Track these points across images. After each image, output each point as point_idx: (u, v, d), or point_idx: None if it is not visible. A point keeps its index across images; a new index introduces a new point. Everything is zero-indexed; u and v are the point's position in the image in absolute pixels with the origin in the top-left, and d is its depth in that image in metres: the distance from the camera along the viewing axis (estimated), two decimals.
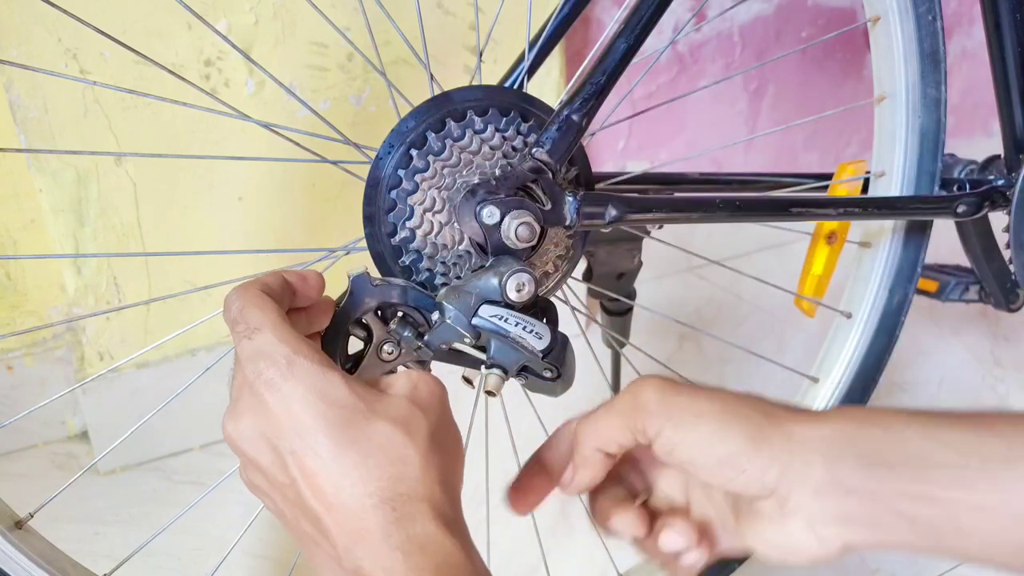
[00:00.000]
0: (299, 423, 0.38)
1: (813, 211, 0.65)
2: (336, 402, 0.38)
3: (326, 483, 0.37)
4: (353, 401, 0.39)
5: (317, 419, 0.38)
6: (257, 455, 0.39)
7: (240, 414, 0.40)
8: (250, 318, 0.41)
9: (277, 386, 0.38)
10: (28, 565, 0.50)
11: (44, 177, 0.85)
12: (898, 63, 0.68)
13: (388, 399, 0.40)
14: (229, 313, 0.42)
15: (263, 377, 0.39)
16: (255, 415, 0.39)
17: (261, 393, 0.39)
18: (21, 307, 0.96)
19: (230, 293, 0.43)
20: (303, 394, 0.38)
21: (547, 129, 0.52)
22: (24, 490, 0.91)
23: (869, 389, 0.74)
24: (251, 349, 0.40)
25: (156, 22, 0.82)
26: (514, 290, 0.48)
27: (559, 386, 0.51)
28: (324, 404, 0.38)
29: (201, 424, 0.99)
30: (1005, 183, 0.72)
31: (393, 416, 0.39)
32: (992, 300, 0.82)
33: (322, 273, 0.47)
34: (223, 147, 0.89)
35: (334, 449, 0.37)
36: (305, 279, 0.46)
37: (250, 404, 0.39)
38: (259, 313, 0.41)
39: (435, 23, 0.94)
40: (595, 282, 0.78)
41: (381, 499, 0.37)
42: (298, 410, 0.38)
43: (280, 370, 0.38)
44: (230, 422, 0.40)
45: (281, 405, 0.38)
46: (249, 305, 0.41)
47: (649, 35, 0.54)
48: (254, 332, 0.40)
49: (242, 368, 0.40)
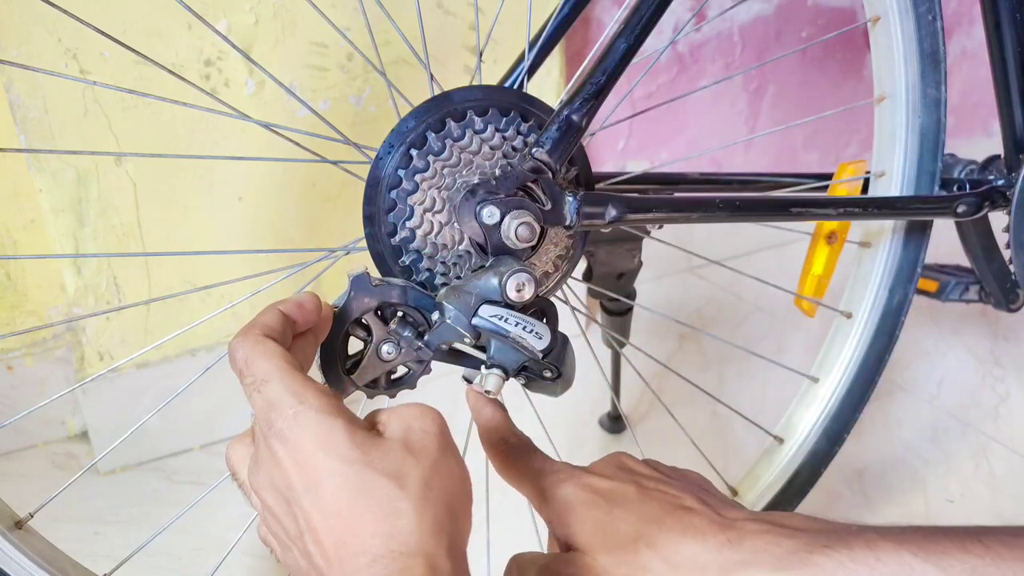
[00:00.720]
0: (305, 477, 0.38)
1: (813, 211, 0.65)
2: (337, 455, 0.39)
3: (326, 539, 0.38)
4: (353, 454, 0.39)
5: (320, 474, 0.38)
6: (273, 504, 0.40)
7: (259, 464, 0.41)
8: (256, 370, 0.41)
9: (285, 437, 0.39)
10: (28, 565, 0.50)
11: (44, 177, 0.85)
12: (898, 63, 0.68)
13: (383, 447, 0.40)
14: (235, 364, 0.43)
15: (274, 429, 0.39)
16: (270, 467, 0.40)
17: (272, 445, 0.40)
18: (21, 307, 0.96)
19: (233, 341, 0.43)
20: (308, 445, 0.39)
21: (547, 129, 0.52)
22: (24, 490, 0.91)
23: (869, 389, 0.74)
24: (262, 402, 0.40)
25: (156, 22, 0.82)
26: (514, 290, 0.48)
27: (559, 386, 0.51)
28: (327, 457, 0.38)
29: (201, 424, 0.99)
30: (1005, 183, 0.72)
31: (386, 468, 0.39)
32: (992, 300, 0.82)
33: (316, 295, 0.47)
34: (223, 147, 0.89)
35: (334, 506, 0.38)
36: (302, 306, 0.46)
37: (265, 455, 0.40)
38: (264, 363, 0.41)
39: (435, 23, 0.94)
40: (595, 282, 0.78)
41: (373, 558, 0.37)
42: (303, 463, 0.39)
43: (287, 422, 0.39)
44: (253, 474, 0.41)
45: (289, 458, 0.39)
46: (253, 355, 0.42)
47: (649, 35, 0.54)
48: (262, 384, 0.41)
49: (257, 420, 0.41)
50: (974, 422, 0.98)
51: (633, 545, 0.42)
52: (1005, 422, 0.98)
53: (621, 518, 0.43)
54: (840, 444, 0.75)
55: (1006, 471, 0.90)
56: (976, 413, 1.00)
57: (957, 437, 0.96)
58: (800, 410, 0.76)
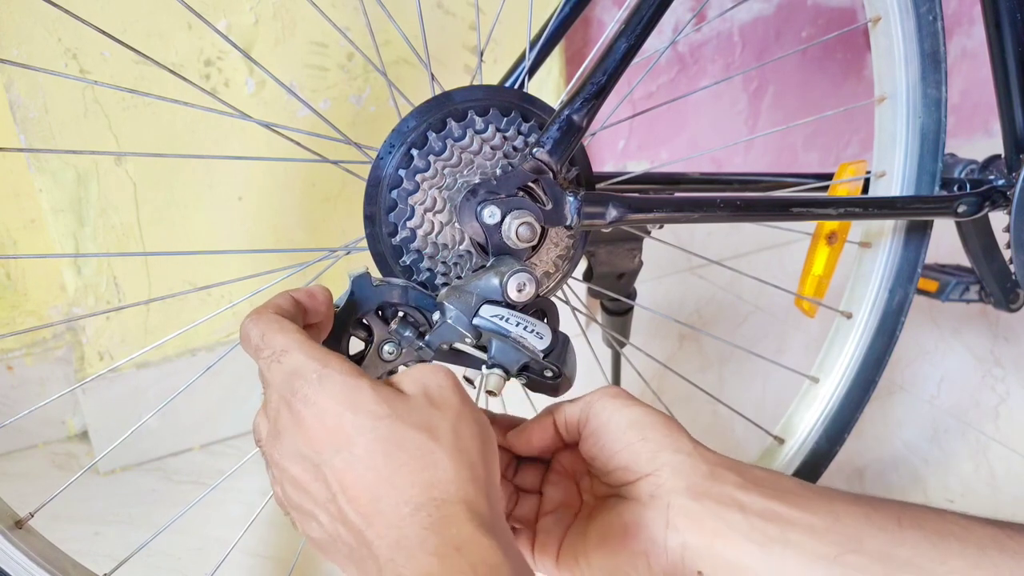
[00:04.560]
0: (334, 437, 0.39)
1: (813, 211, 0.65)
2: (366, 412, 0.39)
3: (363, 495, 0.38)
4: (382, 409, 0.39)
5: (351, 431, 0.39)
6: (299, 472, 0.40)
7: (280, 434, 0.41)
8: (274, 342, 0.42)
9: (312, 401, 0.39)
10: (28, 565, 0.50)
11: (44, 177, 0.85)
12: (898, 63, 0.68)
13: (409, 402, 0.40)
14: (250, 341, 0.43)
15: (299, 395, 0.40)
16: (294, 434, 0.40)
17: (298, 411, 0.40)
18: (21, 307, 0.96)
19: (245, 321, 0.44)
20: (335, 406, 0.39)
21: (548, 129, 0.52)
22: (24, 490, 0.91)
23: (869, 389, 0.74)
24: (283, 371, 0.41)
25: (156, 22, 0.82)
26: (515, 290, 0.48)
27: (560, 386, 0.51)
28: (355, 415, 0.39)
29: (201, 424, 0.99)
30: (1005, 183, 0.72)
31: (416, 422, 0.39)
32: (992, 300, 0.82)
33: (327, 288, 0.48)
34: (223, 147, 0.89)
35: (368, 461, 0.38)
36: (313, 296, 0.46)
37: (288, 423, 0.40)
38: (281, 336, 0.42)
39: (435, 23, 0.94)
40: (595, 282, 0.78)
41: (416, 506, 0.37)
42: (332, 424, 0.39)
43: (312, 386, 0.40)
44: (273, 446, 0.41)
45: (317, 421, 0.39)
46: (270, 331, 0.42)
47: (650, 35, 0.54)
48: (282, 355, 0.41)
49: (276, 390, 0.41)
50: (974, 422, 0.98)
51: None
52: (1005, 422, 0.98)
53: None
54: (840, 444, 0.75)
55: (1006, 471, 0.90)
56: (976, 413, 1.00)
57: (957, 437, 0.96)
58: (800, 410, 0.76)
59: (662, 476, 0.46)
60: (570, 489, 0.51)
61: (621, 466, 0.47)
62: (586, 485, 0.51)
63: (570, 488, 0.51)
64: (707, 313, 1.25)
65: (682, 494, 0.45)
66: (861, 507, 0.44)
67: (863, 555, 0.42)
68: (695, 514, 0.44)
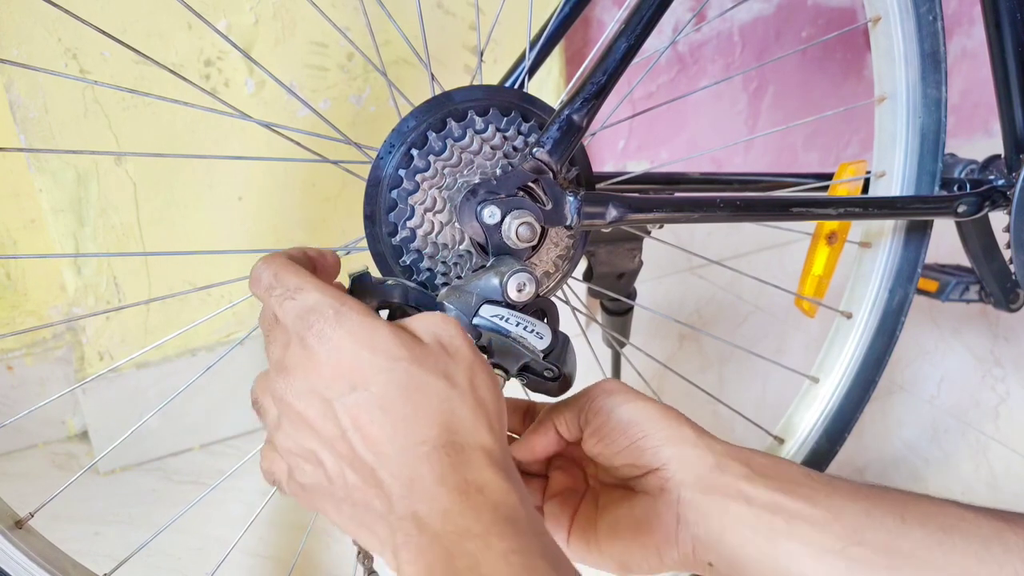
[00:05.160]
0: (351, 374, 0.38)
1: (813, 211, 0.65)
2: (385, 353, 0.39)
3: (379, 433, 0.37)
4: (401, 352, 0.39)
5: (368, 370, 0.38)
6: (306, 408, 0.39)
7: (289, 369, 0.40)
8: (287, 281, 0.41)
9: (327, 337, 0.39)
10: (28, 565, 0.50)
11: (44, 177, 0.85)
12: (898, 63, 0.68)
13: (427, 348, 0.40)
14: (260, 282, 0.42)
15: (314, 330, 0.39)
16: (305, 369, 0.39)
17: (312, 346, 0.39)
18: (21, 307, 0.96)
19: (257, 264, 0.43)
20: (352, 345, 0.38)
21: (548, 129, 0.52)
22: (24, 490, 0.91)
23: (869, 389, 0.74)
24: (297, 307, 0.40)
25: (156, 22, 0.82)
26: (515, 290, 0.48)
27: (560, 386, 0.51)
28: (373, 355, 0.38)
29: (201, 424, 0.99)
30: (1005, 183, 0.72)
31: (434, 367, 0.39)
32: (992, 300, 0.82)
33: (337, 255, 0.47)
34: (223, 147, 0.89)
35: (386, 400, 0.38)
36: (324, 255, 0.46)
37: (299, 358, 0.40)
38: (295, 276, 0.41)
39: (435, 23, 0.94)
40: (595, 282, 0.78)
41: (434, 447, 0.37)
42: (349, 361, 0.38)
43: (329, 322, 0.39)
44: (279, 379, 0.40)
45: (332, 357, 0.39)
46: (283, 271, 0.42)
47: (650, 35, 0.54)
48: (296, 292, 0.41)
49: (288, 327, 0.40)
50: (974, 422, 0.98)
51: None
52: (1005, 422, 0.98)
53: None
54: (840, 444, 0.75)
55: (1006, 471, 0.90)
56: (976, 413, 1.00)
57: (957, 437, 0.96)
58: (800, 410, 0.76)
59: (669, 470, 0.46)
60: (576, 475, 0.52)
61: (627, 463, 0.47)
62: (592, 472, 0.52)
63: (576, 474, 0.52)
64: (707, 313, 1.25)
65: (690, 487, 0.45)
66: (863, 501, 0.44)
67: (866, 548, 0.42)
68: (703, 508, 0.44)
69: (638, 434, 0.47)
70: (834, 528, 0.43)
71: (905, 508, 0.44)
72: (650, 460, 0.46)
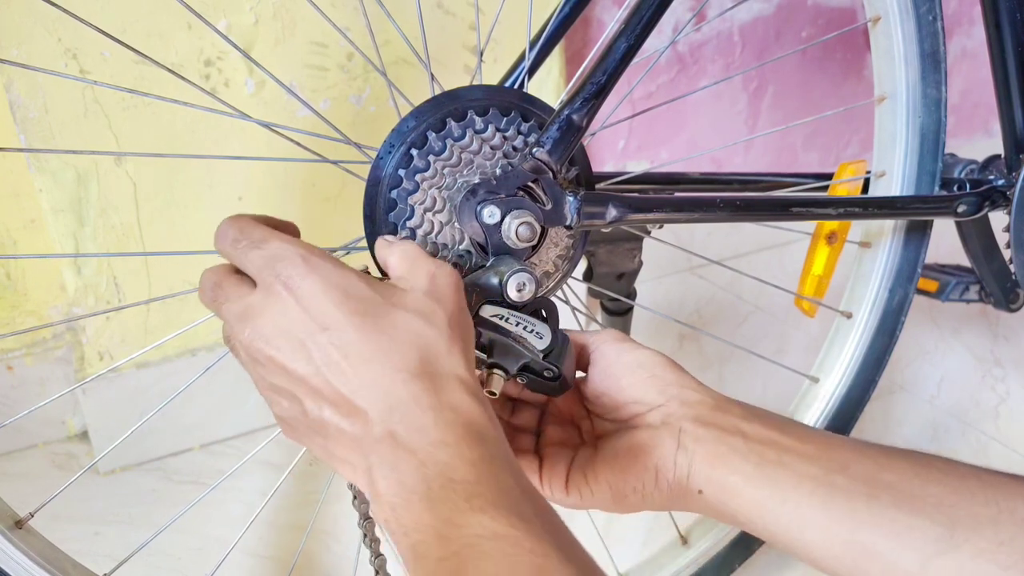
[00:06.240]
0: (323, 314, 0.39)
1: (813, 211, 0.65)
2: (357, 295, 0.40)
3: (356, 365, 0.38)
4: (372, 294, 0.40)
5: (340, 309, 0.39)
6: (276, 351, 0.40)
7: (256, 314, 0.40)
8: (253, 234, 0.42)
9: (296, 283, 0.40)
10: (28, 565, 0.50)
11: (44, 177, 0.85)
12: (898, 63, 0.68)
13: (405, 293, 0.41)
14: (227, 237, 0.43)
15: (282, 276, 0.40)
16: (274, 313, 0.40)
17: (279, 292, 0.40)
18: (21, 307, 0.96)
19: (221, 223, 0.44)
20: (323, 288, 0.39)
21: (548, 129, 0.52)
22: (24, 490, 0.91)
23: (869, 389, 0.74)
24: (264, 255, 0.41)
25: (156, 22, 0.82)
26: (515, 290, 0.48)
27: (559, 386, 0.51)
28: (345, 296, 0.39)
29: (201, 424, 0.99)
30: (1005, 183, 0.72)
31: (411, 307, 0.40)
32: (992, 300, 0.82)
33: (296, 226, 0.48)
34: (223, 147, 0.89)
35: (360, 335, 0.39)
36: (288, 225, 0.47)
37: (267, 304, 0.40)
38: (260, 230, 0.42)
39: (435, 23, 0.94)
40: (595, 282, 0.78)
41: (412, 374, 0.38)
42: (321, 302, 0.39)
43: (298, 268, 0.40)
44: (245, 325, 0.41)
45: (303, 300, 0.39)
46: (248, 226, 0.43)
47: (650, 35, 0.54)
48: (262, 242, 0.41)
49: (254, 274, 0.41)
50: (974, 422, 0.98)
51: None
52: (1005, 422, 0.98)
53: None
54: None
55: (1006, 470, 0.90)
56: (976, 413, 1.00)
57: (957, 437, 0.96)
58: (800, 410, 0.76)
59: (672, 406, 0.48)
60: (569, 430, 0.52)
61: (632, 400, 0.49)
62: (587, 427, 0.52)
63: (569, 430, 0.53)
64: (707, 313, 1.25)
65: (691, 421, 0.47)
66: (856, 443, 0.47)
67: (848, 477, 0.44)
68: (703, 439, 0.46)
69: (645, 375, 0.49)
70: (821, 460, 0.44)
71: (892, 449, 0.46)
72: (655, 397, 0.48)
